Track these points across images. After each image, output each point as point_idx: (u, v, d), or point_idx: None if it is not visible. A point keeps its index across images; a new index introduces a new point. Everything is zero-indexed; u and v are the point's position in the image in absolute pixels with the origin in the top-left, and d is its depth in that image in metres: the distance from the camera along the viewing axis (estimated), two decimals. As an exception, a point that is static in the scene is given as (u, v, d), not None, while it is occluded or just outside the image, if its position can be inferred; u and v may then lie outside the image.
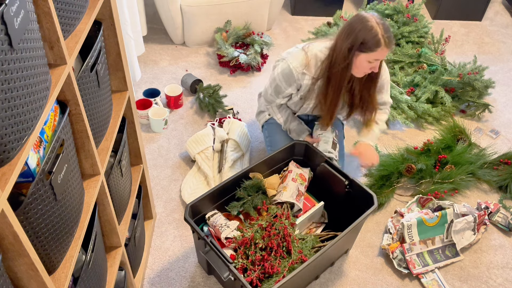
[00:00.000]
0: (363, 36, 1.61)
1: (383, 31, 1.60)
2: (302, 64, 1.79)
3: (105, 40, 1.27)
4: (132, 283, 1.59)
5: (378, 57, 1.64)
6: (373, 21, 1.61)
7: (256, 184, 1.82)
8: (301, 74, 1.80)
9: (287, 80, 1.84)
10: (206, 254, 1.58)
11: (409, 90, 2.64)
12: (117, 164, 1.32)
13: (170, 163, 2.26)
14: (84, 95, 1.06)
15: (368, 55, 1.63)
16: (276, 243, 1.59)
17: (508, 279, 1.90)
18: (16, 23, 0.69)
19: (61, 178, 0.91)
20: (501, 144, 2.52)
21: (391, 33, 1.63)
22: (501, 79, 2.98)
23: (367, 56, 1.64)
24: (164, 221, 2.01)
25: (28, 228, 0.81)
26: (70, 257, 1.00)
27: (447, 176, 2.19)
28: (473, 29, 3.50)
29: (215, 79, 2.79)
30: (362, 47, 1.63)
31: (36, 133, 0.79)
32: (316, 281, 1.83)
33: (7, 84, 0.68)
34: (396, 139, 2.50)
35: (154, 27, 3.16)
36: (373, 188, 2.15)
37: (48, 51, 0.89)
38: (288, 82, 1.84)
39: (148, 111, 2.40)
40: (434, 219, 1.91)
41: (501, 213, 2.10)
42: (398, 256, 1.84)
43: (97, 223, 1.21)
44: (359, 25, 1.62)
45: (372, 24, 1.60)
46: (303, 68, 1.79)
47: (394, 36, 2.88)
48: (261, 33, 3.01)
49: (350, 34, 1.63)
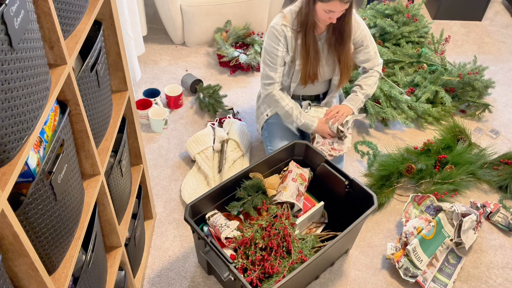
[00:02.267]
0: None
1: None
2: (281, 19, 1.91)
3: (105, 40, 1.27)
4: (132, 283, 1.59)
5: (332, 8, 1.74)
6: None
7: (256, 184, 1.82)
8: (283, 26, 1.90)
9: (273, 38, 1.92)
10: (206, 254, 1.58)
11: (409, 90, 2.64)
12: (117, 164, 1.32)
13: (170, 163, 2.26)
14: (84, 95, 1.06)
15: (322, 4, 1.75)
16: (276, 243, 1.59)
17: (508, 279, 1.90)
18: (16, 23, 0.69)
19: (61, 178, 0.91)
20: (501, 144, 2.52)
21: None
22: (501, 79, 2.98)
23: (321, 5, 1.75)
24: (164, 221, 2.01)
25: (28, 228, 0.81)
26: (70, 257, 1.00)
27: (447, 176, 2.19)
28: (473, 29, 3.50)
29: (215, 79, 2.79)
30: None
31: (36, 133, 0.79)
32: (316, 281, 1.83)
33: (7, 84, 0.68)
34: (396, 139, 2.50)
35: (154, 27, 3.16)
36: (373, 188, 2.15)
37: (48, 51, 0.89)
38: (275, 41, 1.92)
39: (148, 111, 2.40)
40: (432, 231, 1.91)
41: (501, 213, 2.10)
42: (403, 266, 1.82)
43: (97, 223, 1.21)
44: None
45: None
46: (282, 21, 1.90)
47: (394, 36, 2.88)
48: (261, 33, 3.01)
49: None
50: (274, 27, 1.92)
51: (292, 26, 1.90)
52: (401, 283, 1.85)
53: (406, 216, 2.05)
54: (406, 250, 1.84)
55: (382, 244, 1.99)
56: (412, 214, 2.06)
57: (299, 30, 1.90)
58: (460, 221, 1.92)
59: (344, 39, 1.93)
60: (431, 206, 2.08)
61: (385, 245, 1.98)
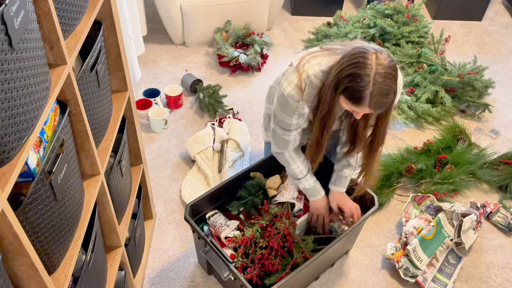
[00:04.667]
0: (349, 82, 1.27)
1: (373, 90, 1.25)
2: (297, 92, 1.46)
3: (105, 40, 1.27)
4: (132, 283, 1.59)
5: (358, 110, 1.35)
6: (372, 72, 1.24)
7: (257, 184, 1.82)
8: (298, 102, 1.48)
9: (287, 111, 1.53)
10: (206, 253, 1.58)
11: (409, 90, 2.64)
12: (117, 164, 1.32)
13: (170, 163, 2.26)
14: (84, 95, 1.06)
15: (348, 102, 1.33)
16: (277, 242, 1.59)
17: (508, 279, 1.90)
18: (16, 23, 0.69)
19: (61, 178, 0.91)
20: (501, 144, 2.52)
21: (385, 98, 1.27)
22: (501, 79, 2.98)
23: (347, 102, 1.33)
24: (164, 221, 2.01)
25: (28, 228, 0.81)
26: (70, 257, 1.00)
27: (447, 176, 2.19)
28: (473, 29, 3.50)
29: (215, 79, 2.79)
30: (344, 92, 1.31)
31: (36, 133, 0.79)
32: (316, 282, 1.83)
33: (7, 84, 0.68)
34: (396, 139, 2.50)
35: (154, 27, 3.16)
36: (373, 188, 2.14)
37: (48, 51, 0.89)
38: (288, 113, 1.53)
39: (148, 111, 2.40)
40: (432, 231, 1.91)
41: (501, 213, 2.10)
42: (403, 266, 1.82)
43: (97, 223, 1.21)
44: (353, 67, 1.27)
45: (368, 77, 1.24)
46: (299, 97, 1.47)
47: (394, 36, 2.88)
48: (261, 33, 3.01)
49: (342, 70, 1.29)
50: (286, 99, 1.48)
51: (310, 104, 1.48)
52: (401, 283, 1.85)
53: (406, 216, 2.05)
54: (406, 250, 1.84)
55: (382, 244, 1.99)
56: (412, 214, 2.06)
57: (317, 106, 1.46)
58: (460, 221, 1.92)
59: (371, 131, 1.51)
60: (431, 206, 2.08)
61: (385, 245, 1.98)
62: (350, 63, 1.27)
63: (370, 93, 1.25)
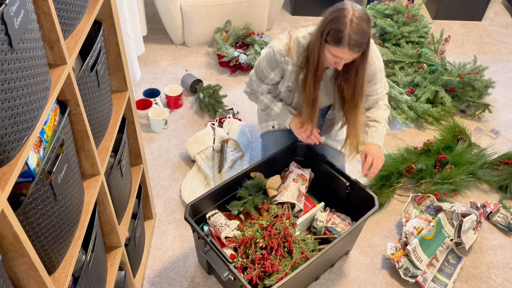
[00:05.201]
0: (330, 26, 1.49)
1: (351, 30, 1.46)
2: (285, 49, 1.69)
3: (105, 40, 1.27)
4: (132, 283, 1.59)
5: (338, 54, 1.52)
6: (349, 15, 1.47)
7: (257, 184, 1.82)
8: (284, 58, 1.70)
9: (270, 63, 1.75)
10: (206, 253, 1.58)
11: (409, 90, 2.64)
12: (117, 164, 1.32)
13: (170, 163, 2.26)
14: (84, 95, 1.06)
15: (329, 47, 1.53)
16: (277, 242, 1.59)
17: (508, 279, 1.90)
18: (16, 23, 0.69)
19: (61, 178, 0.91)
20: (501, 144, 2.52)
21: (361, 37, 1.48)
22: (501, 79, 2.98)
23: (329, 48, 1.53)
24: (164, 221, 2.01)
25: (28, 228, 0.81)
26: (70, 257, 1.00)
27: (447, 176, 2.19)
28: (473, 29, 3.50)
29: (215, 79, 2.79)
30: (327, 37, 1.52)
31: (36, 133, 0.79)
32: (316, 282, 1.83)
33: (7, 84, 0.68)
34: (396, 139, 2.50)
35: (154, 27, 3.16)
36: (373, 188, 2.15)
37: (48, 51, 0.89)
38: (271, 66, 1.75)
39: (148, 111, 2.40)
40: (432, 231, 1.91)
41: (501, 213, 2.10)
42: (403, 266, 1.82)
43: (97, 223, 1.21)
44: (334, 14, 1.50)
45: (346, 18, 1.46)
46: (286, 53, 1.69)
47: (394, 36, 2.88)
48: (261, 33, 3.01)
49: (324, 21, 1.53)
50: (275, 53, 1.71)
51: (295, 62, 1.69)
52: (401, 283, 1.85)
53: (406, 216, 2.05)
54: (406, 250, 1.84)
55: (382, 244, 1.99)
56: (412, 214, 2.06)
57: (303, 67, 1.68)
58: (460, 221, 1.92)
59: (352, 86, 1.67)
60: (431, 206, 2.08)
61: (385, 245, 1.98)
62: (332, 11, 1.53)
63: (348, 33, 1.47)
